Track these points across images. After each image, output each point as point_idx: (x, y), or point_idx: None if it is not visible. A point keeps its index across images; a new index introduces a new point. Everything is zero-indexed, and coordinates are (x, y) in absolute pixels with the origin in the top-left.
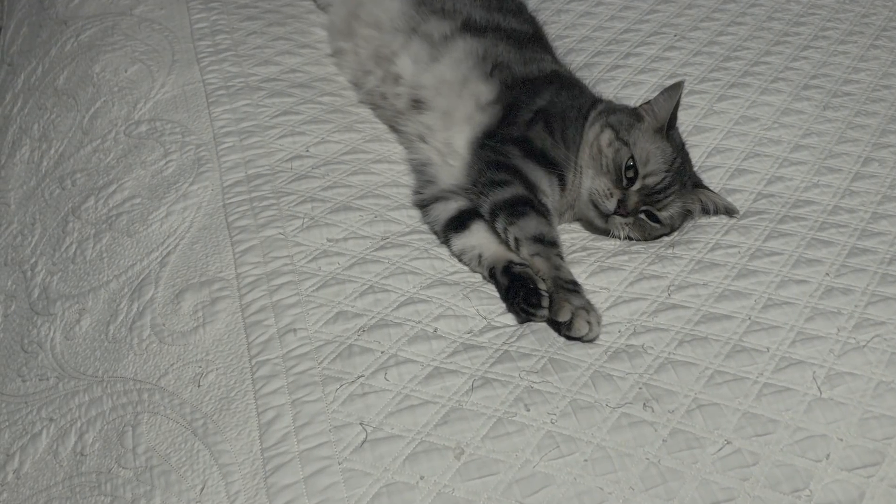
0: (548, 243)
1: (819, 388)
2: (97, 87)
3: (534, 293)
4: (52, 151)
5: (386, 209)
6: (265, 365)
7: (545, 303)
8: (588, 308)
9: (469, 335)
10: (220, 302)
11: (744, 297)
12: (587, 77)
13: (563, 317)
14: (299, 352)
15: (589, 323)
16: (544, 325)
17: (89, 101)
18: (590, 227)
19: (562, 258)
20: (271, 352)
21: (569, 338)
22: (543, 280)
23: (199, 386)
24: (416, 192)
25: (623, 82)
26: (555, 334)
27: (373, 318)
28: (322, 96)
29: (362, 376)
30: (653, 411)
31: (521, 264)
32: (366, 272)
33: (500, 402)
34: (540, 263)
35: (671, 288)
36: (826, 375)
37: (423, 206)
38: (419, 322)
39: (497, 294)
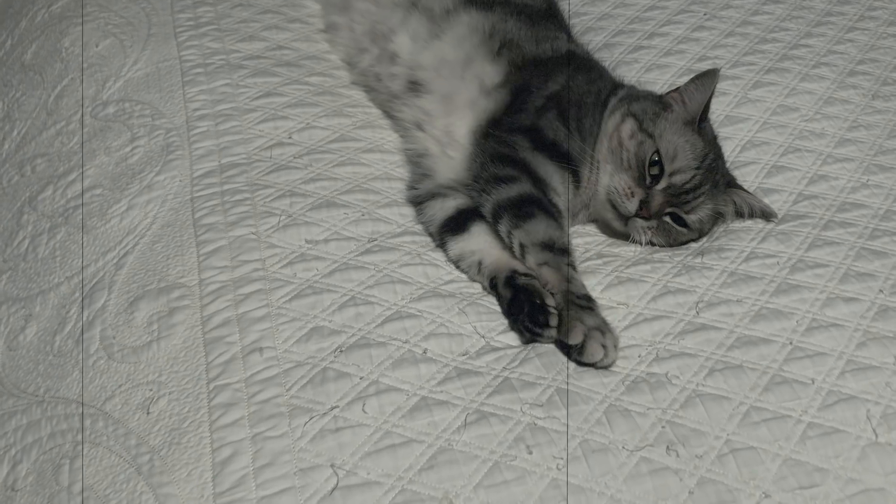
0: (558, 251)
1: (874, 429)
2: (65, 62)
3: (540, 310)
4: (15, 133)
5: (375, 206)
6: (224, 391)
7: (553, 321)
8: (603, 329)
9: (464, 358)
10: (179, 313)
11: (784, 318)
12: (607, 59)
13: (574, 339)
14: (265, 375)
15: (604, 347)
16: (552, 347)
17: (56, 79)
18: (607, 230)
19: (574, 268)
20: (232, 375)
21: (580, 363)
22: (552, 294)
23: (147, 413)
24: (411, 188)
25: (647, 65)
26: (564, 359)
27: (353, 335)
28: (310, 76)
29: (336, 407)
30: (677, 456)
31: (526, 275)
32: (347, 280)
33: (498, 442)
34: (548, 274)
35: (700, 305)
36: (883, 414)
37: (417, 203)
38: (406, 342)
39: (499, 308)
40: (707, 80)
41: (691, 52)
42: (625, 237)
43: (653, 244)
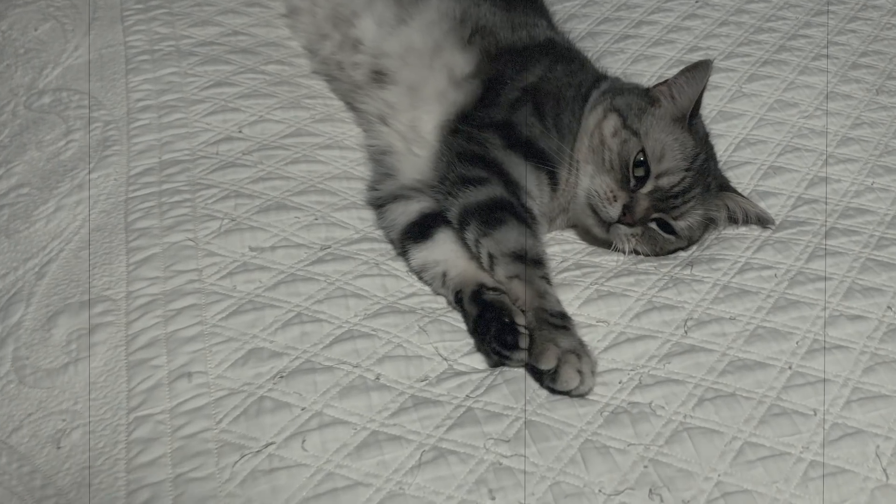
0: (531, 262)
1: (885, 469)
2: (1, 48)
3: (509, 330)
4: None
5: (331, 209)
6: (145, 423)
7: (523, 343)
8: (579, 351)
9: (422, 384)
10: (101, 330)
11: (782, 338)
12: (590, 49)
13: (547, 363)
14: (192, 405)
15: (580, 372)
16: (522, 371)
17: None
18: (587, 236)
19: (548, 281)
20: (155, 404)
21: (553, 391)
22: (522, 311)
23: (58, 448)
24: (372, 188)
25: (633, 56)
26: (535, 384)
27: (296, 358)
28: (267, 64)
29: (272, 443)
30: (661, 500)
31: (495, 289)
32: (294, 294)
33: (457, 485)
34: (519, 289)
35: (688, 323)
36: (894, 451)
37: (378, 205)
38: (357, 366)
39: (465, 326)
40: (699, 72)
41: (682, 42)
42: (607, 245)
43: (637, 253)
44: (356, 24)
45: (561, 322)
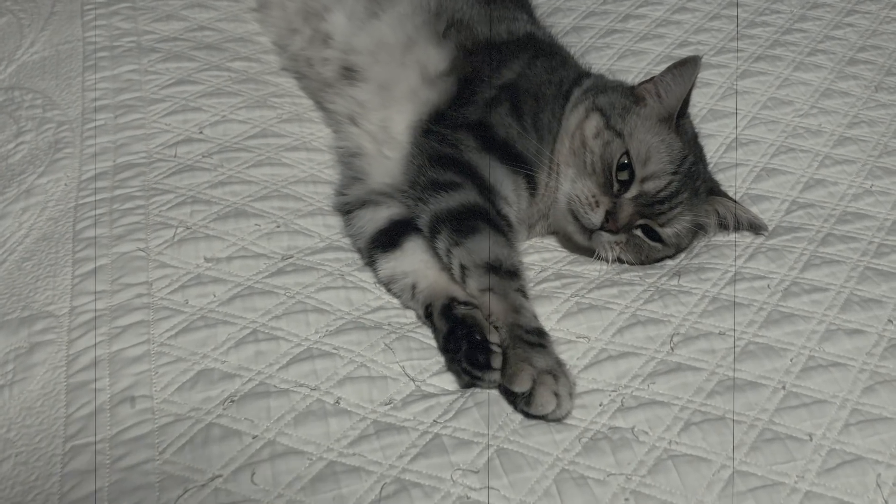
0: (506, 273)
1: (886, 500)
2: None
3: (480, 348)
4: None
5: (295, 215)
6: (83, 452)
7: (496, 362)
8: (556, 372)
9: (386, 408)
10: (41, 350)
11: (776, 355)
12: (575, 44)
13: (521, 385)
14: (135, 433)
15: (557, 395)
16: (495, 393)
17: None
18: (569, 244)
19: (524, 295)
20: (95, 431)
21: (527, 415)
22: (496, 328)
23: None
24: (339, 193)
25: (620, 51)
26: (509, 408)
27: (249, 380)
28: (233, 61)
29: (219, 476)
30: None
31: (467, 303)
32: (250, 309)
33: None
34: (493, 303)
35: (675, 339)
36: None
37: (346, 211)
38: (315, 388)
39: (435, 342)
40: (687, 69)
41: (671, 37)
42: (589, 253)
43: (621, 261)
44: (327, 17)
45: (537, 339)
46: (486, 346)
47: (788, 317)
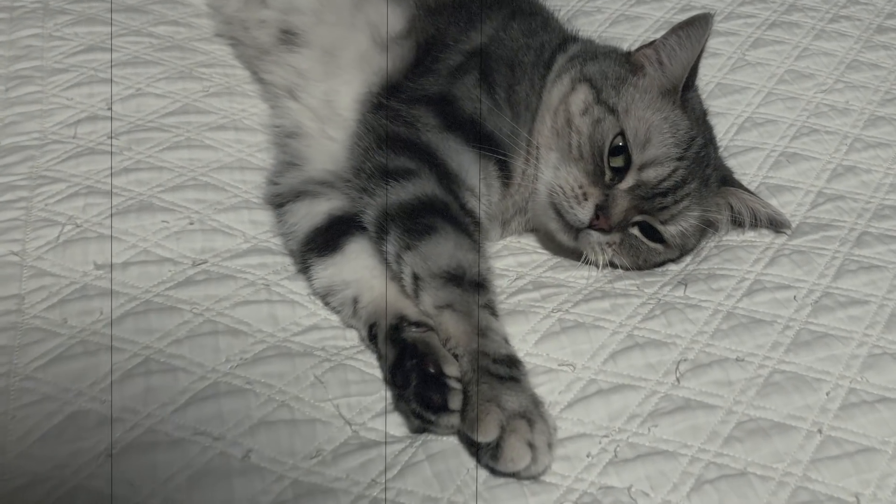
0: (470, 285)
1: None
2: None
3: (434, 383)
4: None
5: (214, 209)
6: None
7: (455, 402)
8: (531, 414)
9: (312, 464)
10: None
11: (808, 388)
12: (560, 6)
13: (486, 433)
14: None
15: (531, 446)
16: (454, 440)
17: None
18: (551, 244)
19: (493, 312)
20: None
21: (495, 472)
22: (455, 355)
23: None
24: (271, 182)
25: (612, 16)
26: (471, 461)
27: (132, 428)
28: (157, 25)
29: None
30: None
31: (419, 323)
32: (145, 331)
33: None
34: (452, 324)
35: (682, 366)
36: None
37: (277, 204)
38: (219, 437)
39: (381, 370)
40: (695, 29)
41: (672, 1)
42: (576, 255)
43: (614, 266)
44: None
45: (507, 371)
46: (441, 382)
47: (821, 337)
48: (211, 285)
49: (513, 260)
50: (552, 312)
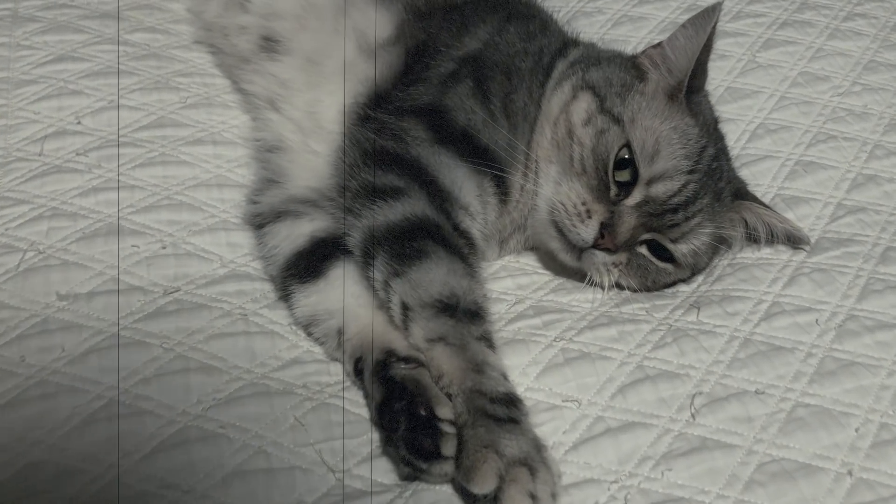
0: (465, 314)
1: None
2: None
3: (425, 427)
4: None
5: (189, 231)
6: None
7: (448, 447)
8: (533, 461)
9: None
10: None
11: (835, 424)
12: (558, 8)
13: (482, 484)
14: None
15: (534, 497)
16: (448, 489)
17: None
18: (552, 263)
19: (490, 344)
20: None
21: None
22: (449, 395)
23: None
24: (251, 200)
25: (615, 17)
26: None
27: (93, 479)
28: (133, 32)
29: None
30: None
31: (409, 359)
32: (110, 369)
33: None
34: (445, 360)
35: (697, 400)
36: None
37: (258, 225)
38: (189, 490)
39: (368, 409)
40: (701, 17)
41: (676, 0)
42: (579, 276)
43: (620, 287)
44: None
45: (506, 412)
46: (433, 426)
47: (847, 366)
48: (183, 316)
49: (511, 282)
50: (555, 341)
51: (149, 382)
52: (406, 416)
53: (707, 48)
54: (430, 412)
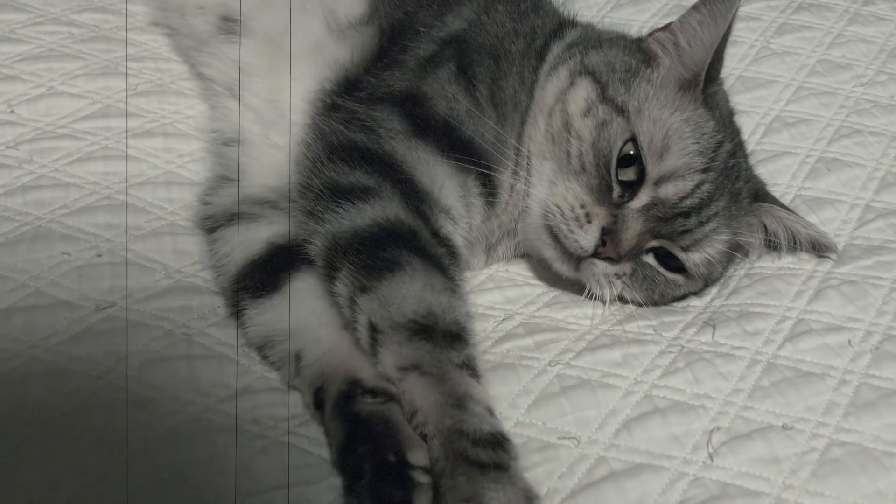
0: (443, 337)
1: None
2: None
3: (394, 476)
4: None
5: (130, 236)
6: None
7: (422, 500)
8: None
9: None
10: None
11: (876, 465)
12: None
13: None
14: None
15: None
16: None
17: None
18: (546, 272)
19: (474, 372)
20: None
21: None
22: (424, 435)
23: None
24: (203, 201)
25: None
26: None
27: None
28: (81, 13)
29: None
30: None
31: (376, 391)
32: (19, 405)
33: None
34: (420, 393)
35: (714, 436)
36: None
37: (208, 228)
38: None
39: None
40: (720, 6)
41: None
42: (577, 288)
43: (624, 301)
44: None
45: (492, 456)
46: (403, 474)
47: (888, 396)
48: (116, 337)
49: (499, 295)
50: (549, 366)
51: (68, 418)
52: (372, 461)
53: (725, 40)
54: (401, 457)
